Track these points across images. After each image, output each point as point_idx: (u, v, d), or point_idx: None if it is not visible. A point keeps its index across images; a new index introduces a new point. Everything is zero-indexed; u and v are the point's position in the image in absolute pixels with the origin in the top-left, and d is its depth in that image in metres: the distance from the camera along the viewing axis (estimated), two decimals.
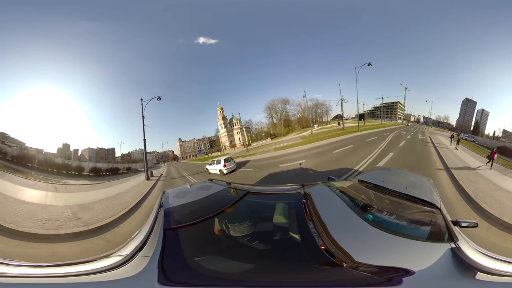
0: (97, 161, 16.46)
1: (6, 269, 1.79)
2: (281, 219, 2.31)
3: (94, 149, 16.56)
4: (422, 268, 1.61)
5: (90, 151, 16.11)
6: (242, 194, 2.70)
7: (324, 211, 2.22)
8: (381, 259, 1.74)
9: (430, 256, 1.74)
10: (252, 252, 2.06)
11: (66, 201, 10.16)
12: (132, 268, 1.66)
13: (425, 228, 2.35)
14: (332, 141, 20.54)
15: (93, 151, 16.37)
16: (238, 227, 2.28)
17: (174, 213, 2.52)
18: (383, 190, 3.37)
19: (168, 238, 1.88)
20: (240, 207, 2.58)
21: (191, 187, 3.99)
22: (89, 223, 8.25)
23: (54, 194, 11.04)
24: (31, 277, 1.76)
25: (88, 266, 1.81)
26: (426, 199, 2.94)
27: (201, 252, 1.90)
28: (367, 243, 1.93)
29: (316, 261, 1.77)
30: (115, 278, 1.62)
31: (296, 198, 2.55)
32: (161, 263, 1.61)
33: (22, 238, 6.78)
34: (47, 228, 7.54)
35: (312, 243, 1.84)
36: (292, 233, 2.16)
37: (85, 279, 1.67)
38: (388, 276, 1.56)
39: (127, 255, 1.78)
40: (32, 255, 6.24)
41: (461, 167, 11.35)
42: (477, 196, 7.64)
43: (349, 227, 2.15)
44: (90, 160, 15.85)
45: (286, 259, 1.85)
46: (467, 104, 24.05)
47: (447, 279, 1.61)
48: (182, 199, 3.19)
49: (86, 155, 16.10)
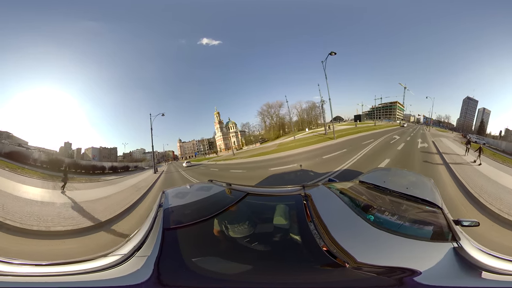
0: (100, 160, 17.27)
1: (7, 268, 1.79)
2: (282, 220, 2.29)
3: (97, 148, 17.44)
4: (427, 268, 1.60)
5: (93, 150, 16.97)
6: (242, 195, 2.68)
7: (325, 212, 2.21)
8: (383, 260, 1.73)
9: (433, 256, 1.73)
10: (251, 253, 2.05)
11: (87, 196, 10.87)
12: (129, 267, 1.65)
13: (427, 228, 2.34)
14: (293, 153, 17.72)
15: (96, 150, 17.23)
16: (238, 228, 2.26)
17: (174, 213, 2.50)
18: (384, 191, 3.36)
19: (167, 238, 1.86)
20: (240, 208, 2.56)
21: (191, 188, 3.97)
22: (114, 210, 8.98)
23: (77, 191, 11.49)
24: (31, 275, 1.75)
25: (86, 265, 1.81)
26: (427, 199, 2.93)
27: (199, 253, 1.88)
28: (369, 244, 1.92)
29: (317, 262, 1.75)
30: (111, 277, 1.62)
31: (296, 199, 2.54)
32: (157, 263, 1.60)
33: (49, 237, 7.03)
34: (66, 225, 7.79)
35: (313, 244, 1.82)
36: (292, 234, 2.15)
37: (82, 277, 1.67)
38: (395, 276, 1.55)
39: (125, 254, 1.77)
40: (60, 252, 6.40)
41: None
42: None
43: (351, 228, 2.14)
44: (94, 159, 16.64)
45: (286, 260, 1.83)
46: (468, 103, 22.88)
47: (453, 279, 1.60)
48: (181, 199, 3.18)
49: (89, 154, 16.85)
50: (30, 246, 6.48)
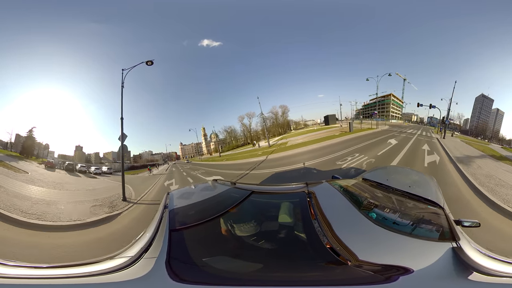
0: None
1: (3, 270, 1.76)
2: (287, 218, 2.32)
3: (116, 152, 20.18)
4: (421, 267, 1.61)
5: (113, 153, 20.20)
6: (247, 194, 2.70)
7: (328, 210, 2.23)
8: (384, 258, 1.75)
9: (430, 255, 1.75)
10: (259, 251, 2.08)
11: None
12: (140, 269, 1.65)
13: (428, 227, 2.36)
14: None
15: (115, 154, 20.28)
16: (244, 227, 2.29)
17: (179, 214, 2.52)
18: (387, 189, 3.37)
19: (174, 239, 1.88)
20: (245, 207, 2.59)
21: (196, 188, 4.01)
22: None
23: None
24: (31, 278, 1.73)
25: (92, 267, 1.80)
26: (430, 198, 2.94)
27: (208, 253, 1.91)
28: (371, 242, 1.95)
29: (321, 259, 1.78)
30: (122, 280, 1.61)
31: (300, 197, 2.56)
32: (168, 264, 1.60)
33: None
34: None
35: (317, 242, 1.85)
36: (297, 232, 2.18)
37: (89, 280, 1.66)
38: (387, 274, 1.57)
39: (133, 256, 1.76)
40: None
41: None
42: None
43: (353, 225, 2.16)
44: (114, 161, 19.70)
45: (293, 258, 1.86)
46: (483, 101, 19.19)
47: (443, 279, 1.61)
48: (186, 200, 3.21)
49: (110, 157, 20.02)
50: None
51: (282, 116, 24.47)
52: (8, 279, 1.65)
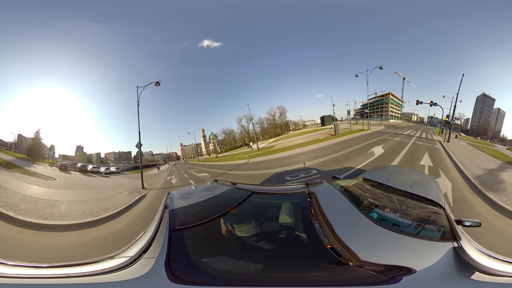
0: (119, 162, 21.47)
1: (3, 270, 1.75)
2: (287, 218, 2.31)
3: (117, 153, 21.18)
4: (423, 267, 1.61)
5: (114, 154, 20.71)
6: (247, 194, 2.70)
7: (329, 210, 2.22)
8: (385, 258, 1.74)
9: (432, 255, 1.74)
10: (260, 252, 2.07)
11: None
12: (139, 269, 1.65)
13: (429, 227, 2.36)
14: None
15: (116, 154, 20.95)
16: (244, 227, 2.28)
17: (179, 214, 2.52)
18: (388, 189, 3.37)
19: (174, 239, 1.87)
20: (245, 207, 2.58)
21: (196, 188, 4.01)
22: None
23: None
24: (31, 277, 1.72)
25: (91, 267, 1.80)
26: (430, 198, 2.93)
27: (208, 253, 1.90)
28: (372, 242, 1.94)
29: (322, 260, 1.77)
30: (121, 280, 1.61)
31: (301, 197, 2.55)
32: (168, 265, 1.60)
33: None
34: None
35: (318, 242, 1.84)
36: (298, 232, 2.17)
37: (88, 280, 1.66)
38: (390, 274, 1.56)
39: (132, 256, 1.76)
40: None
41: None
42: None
43: (354, 225, 2.16)
44: (117, 161, 20.41)
45: (293, 258, 1.85)
46: (484, 101, 18.86)
47: (445, 279, 1.61)
48: (187, 200, 3.21)
49: (111, 157, 20.47)
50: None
51: (280, 117, 24.73)
52: (8, 278, 1.65)
